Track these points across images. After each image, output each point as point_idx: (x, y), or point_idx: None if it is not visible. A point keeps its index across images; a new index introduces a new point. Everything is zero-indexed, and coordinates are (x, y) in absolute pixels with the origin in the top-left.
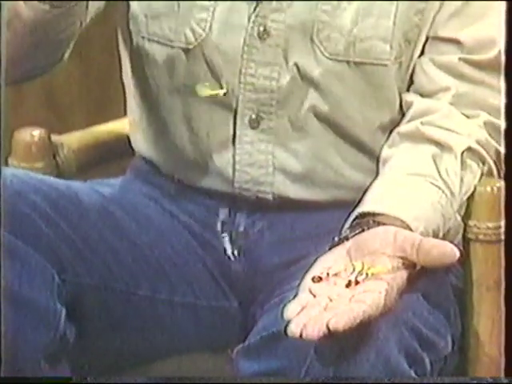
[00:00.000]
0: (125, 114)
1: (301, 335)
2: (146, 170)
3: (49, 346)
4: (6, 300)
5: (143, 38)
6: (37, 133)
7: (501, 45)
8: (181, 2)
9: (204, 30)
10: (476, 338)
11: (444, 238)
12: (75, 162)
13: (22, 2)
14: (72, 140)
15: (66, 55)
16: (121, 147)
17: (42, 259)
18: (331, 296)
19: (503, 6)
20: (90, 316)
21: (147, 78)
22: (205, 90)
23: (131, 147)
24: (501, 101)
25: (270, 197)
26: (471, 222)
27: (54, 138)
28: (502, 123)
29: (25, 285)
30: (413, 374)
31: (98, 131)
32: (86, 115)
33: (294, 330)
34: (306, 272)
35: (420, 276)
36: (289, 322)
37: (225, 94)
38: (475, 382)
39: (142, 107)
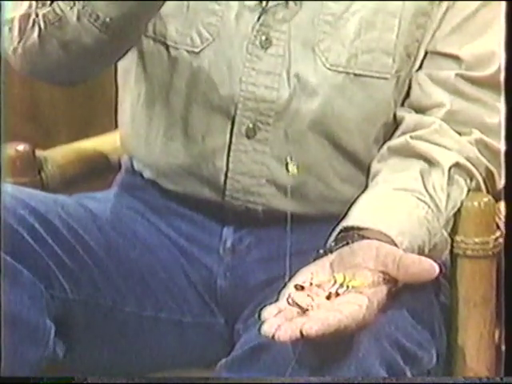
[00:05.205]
0: (115, 127)
1: (273, 336)
2: (133, 185)
3: (39, 362)
4: None
5: (148, 37)
6: (21, 148)
7: (500, 62)
8: (190, 5)
9: (211, 34)
10: (462, 353)
11: (430, 253)
12: (60, 177)
13: (80, 27)
14: (57, 155)
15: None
16: (106, 162)
17: (30, 275)
18: (311, 306)
19: (503, 18)
20: (77, 332)
21: (148, 78)
22: None
23: (118, 162)
24: (495, 119)
25: (259, 208)
26: (458, 238)
27: (39, 153)
28: (502, 144)
29: (14, 301)
30: None
31: (83, 146)
32: (71, 130)
33: (266, 329)
34: (289, 281)
35: (405, 292)
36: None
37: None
38: (461, 382)
39: (137, 106)
